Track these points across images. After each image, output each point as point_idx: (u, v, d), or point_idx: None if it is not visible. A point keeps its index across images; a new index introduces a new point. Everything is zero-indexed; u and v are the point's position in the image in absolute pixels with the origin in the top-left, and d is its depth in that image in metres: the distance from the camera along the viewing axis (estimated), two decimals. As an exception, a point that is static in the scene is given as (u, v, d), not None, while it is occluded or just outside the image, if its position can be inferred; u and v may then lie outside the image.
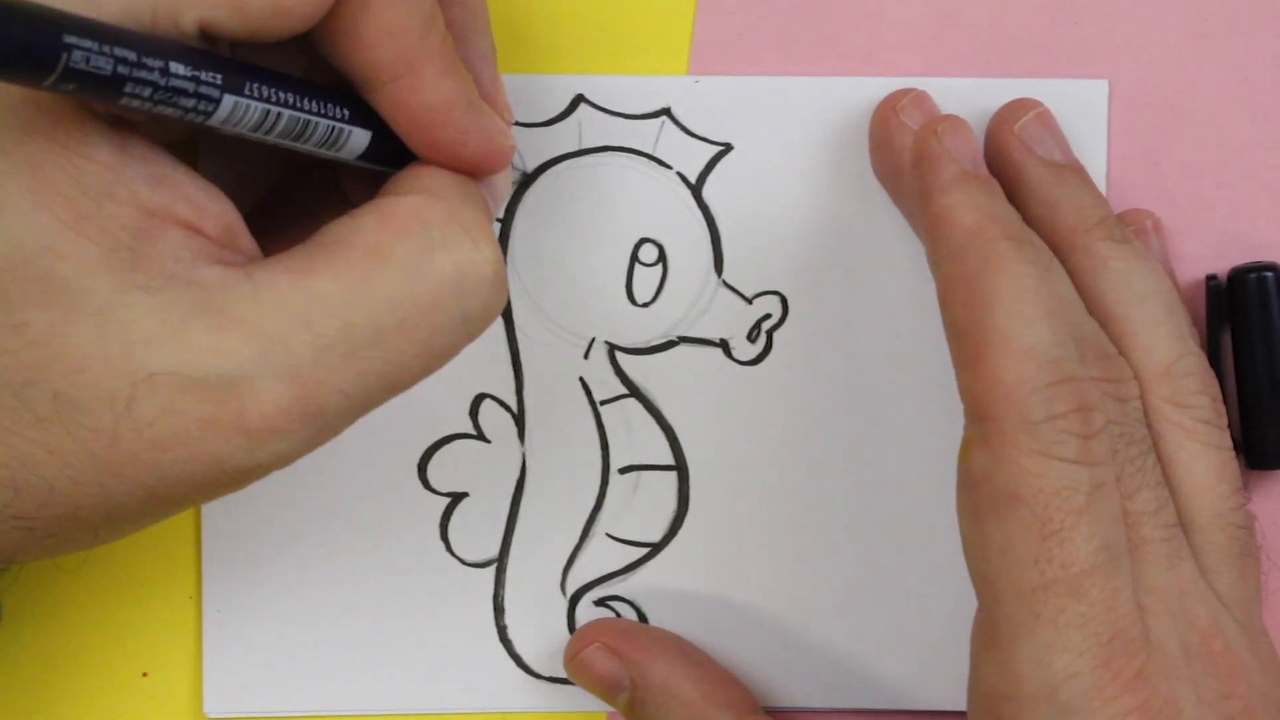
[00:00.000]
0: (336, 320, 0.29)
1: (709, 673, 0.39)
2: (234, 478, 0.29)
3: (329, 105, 0.31)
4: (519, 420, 0.40)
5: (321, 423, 0.29)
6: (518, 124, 0.40)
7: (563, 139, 0.40)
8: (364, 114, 0.32)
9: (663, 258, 0.40)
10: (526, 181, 0.40)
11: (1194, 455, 0.35)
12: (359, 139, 0.32)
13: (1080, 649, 0.31)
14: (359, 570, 0.40)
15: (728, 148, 0.40)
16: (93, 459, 0.28)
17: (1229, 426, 0.37)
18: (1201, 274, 0.40)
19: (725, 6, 0.40)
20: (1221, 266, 0.40)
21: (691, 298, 0.40)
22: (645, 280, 0.40)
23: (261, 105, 0.29)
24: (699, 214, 0.40)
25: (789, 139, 0.40)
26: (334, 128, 0.31)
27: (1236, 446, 0.38)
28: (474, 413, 0.40)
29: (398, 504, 0.40)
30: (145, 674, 0.41)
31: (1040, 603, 0.31)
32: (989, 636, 0.32)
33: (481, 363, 0.40)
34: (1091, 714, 0.31)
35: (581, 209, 0.40)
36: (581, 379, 0.40)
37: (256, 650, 0.40)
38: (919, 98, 0.39)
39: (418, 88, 0.31)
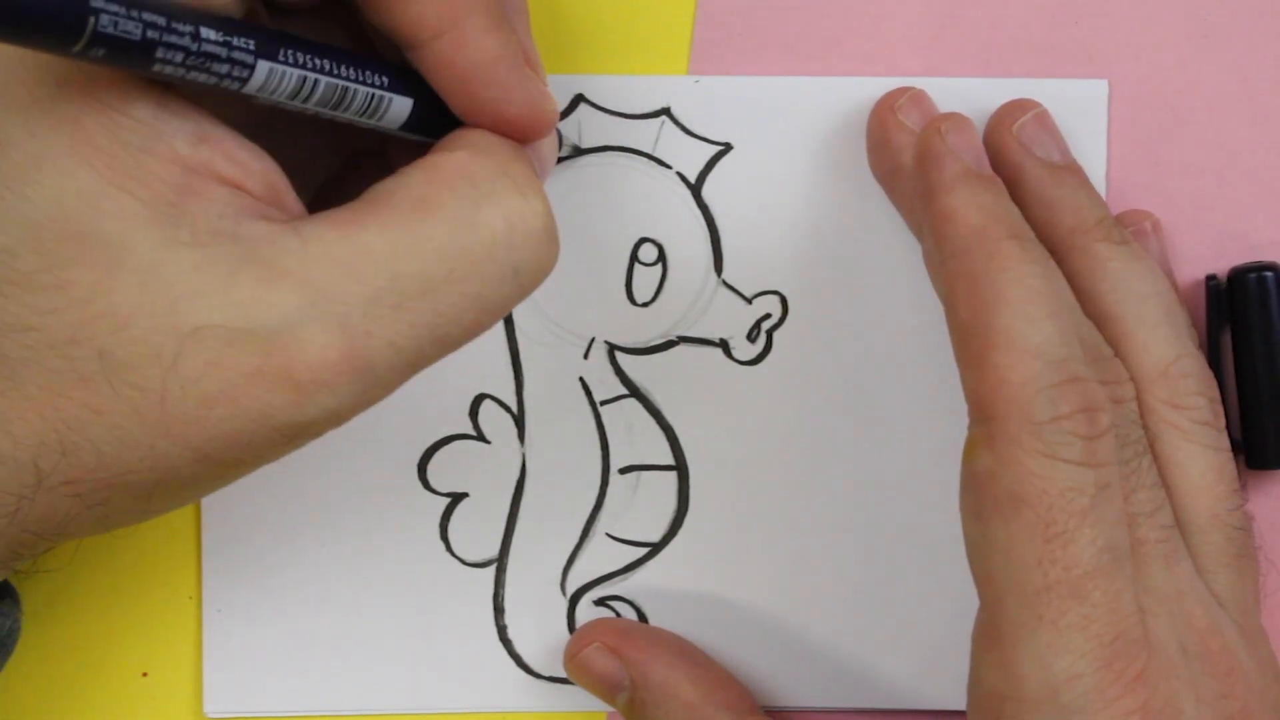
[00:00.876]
0: (384, 271, 0.29)
1: (709, 673, 0.39)
2: (284, 434, 0.29)
3: (367, 72, 0.30)
4: (519, 420, 0.40)
5: (371, 377, 0.29)
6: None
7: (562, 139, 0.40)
8: (405, 82, 0.31)
9: (662, 257, 0.40)
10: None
11: (1191, 456, 0.35)
12: (400, 107, 0.31)
13: (1082, 650, 0.31)
14: (359, 570, 0.40)
15: (727, 147, 0.40)
16: (140, 418, 0.28)
17: (1229, 427, 0.37)
18: (1201, 274, 0.40)
19: (725, 6, 0.40)
20: (1221, 266, 0.40)
21: (691, 297, 0.40)
22: (645, 280, 0.40)
23: (298, 71, 0.29)
24: (699, 214, 0.40)
25: (789, 139, 0.40)
26: (373, 95, 0.31)
27: (1236, 447, 0.38)
28: (474, 413, 0.40)
29: (398, 504, 0.40)
30: (145, 674, 0.41)
31: (1043, 604, 0.31)
32: (991, 637, 0.32)
33: (481, 363, 0.40)
34: (1093, 715, 0.31)
35: (581, 209, 0.40)
36: (581, 379, 0.40)
37: (256, 650, 0.40)
38: (917, 96, 0.39)
39: (461, 44, 0.30)
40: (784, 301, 0.40)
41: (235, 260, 0.28)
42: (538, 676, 0.40)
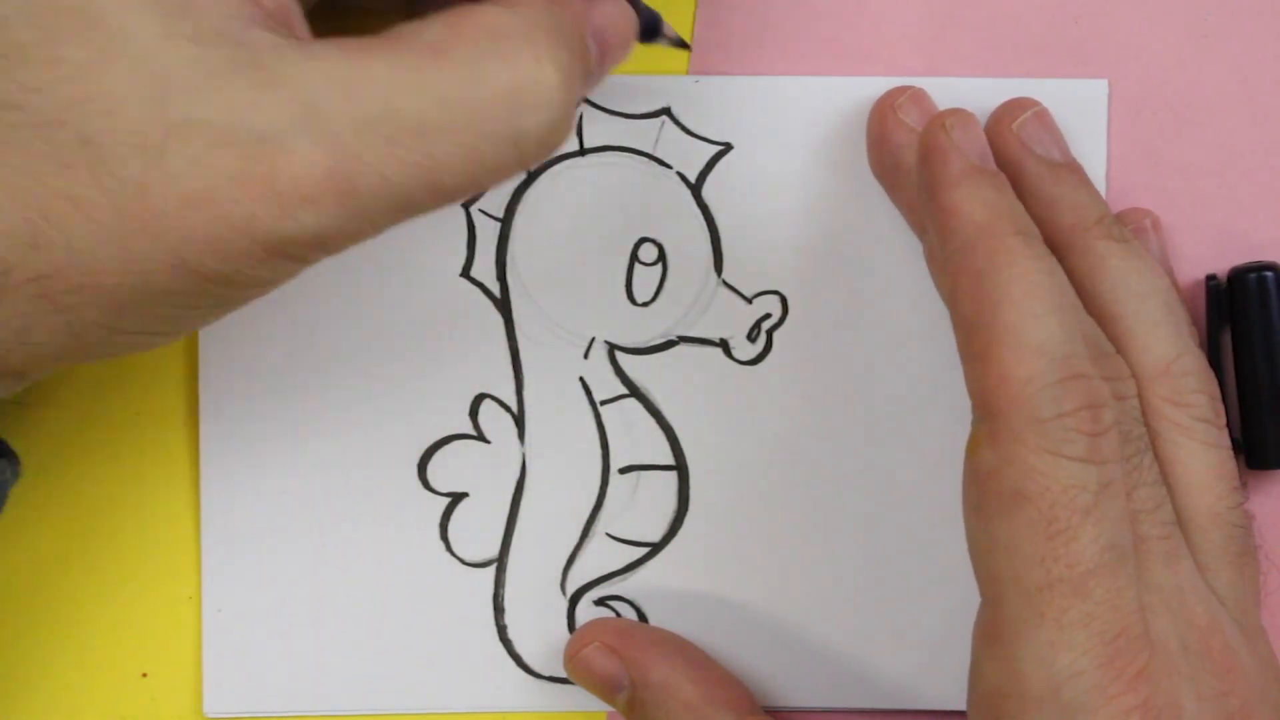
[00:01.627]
0: (381, 101, 0.28)
1: (709, 673, 0.39)
2: (263, 247, 0.28)
3: None
4: (519, 420, 0.40)
5: (356, 204, 0.28)
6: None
7: (563, 139, 0.40)
8: None
9: (662, 257, 0.40)
10: (527, 181, 0.40)
11: (1192, 454, 0.35)
12: None
13: (1084, 648, 0.31)
14: (359, 570, 0.40)
15: (727, 147, 0.40)
16: (118, 212, 0.27)
17: (1229, 426, 0.37)
18: (1201, 274, 0.40)
19: (725, 6, 0.40)
20: (1221, 266, 0.40)
21: (691, 297, 0.40)
22: (645, 280, 0.40)
23: None
24: (699, 214, 0.40)
25: (789, 139, 0.40)
26: None
27: (1236, 446, 0.38)
28: (474, 413, 0.40)
29: (398, 504, 0.40)
30: (145, 674, 0.41)
31: (1045, 601, 0.31)
32: (992, 634, 0.32)
33: (481, 363, 0.40)
34: (1094, 712, 0.31)
35: (581, 209, 0.40)
36: (581, 379, 0.40)
37: (256, 650, 0.40)
38: (916, 95, 0.39)
39: None
40: (784, 301, 0.40)
41: (235, 63, 0.27)
42: (538, 676, 0.40)
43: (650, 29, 0.37)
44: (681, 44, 0.38)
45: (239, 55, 0.28)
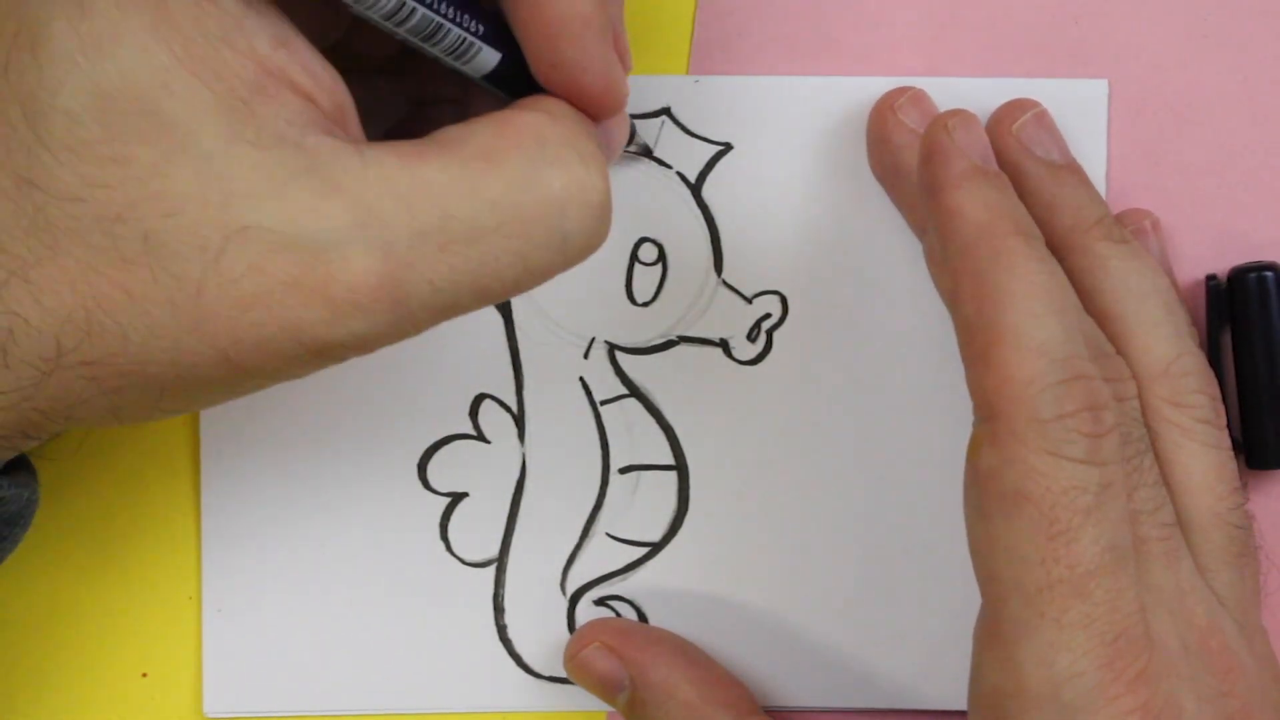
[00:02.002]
0: (437, 208, 0.29)
1: (709, 673, 0.39)
2: (310, 351, 0.29)
3: (465, 16, 0.31)
4: (519, 420, 0.40)
5: (405, 310, 0.29)
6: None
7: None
8: (498, 35, 0.32)
9: (662, 257, 0.40)
10: None
11: (1192, 455, 0.35)
12: (487, 57, 0.32)
13: (1084, 649, 0.31)
14: (359, 570, 0.40)
15: (727, 147, 0.40)
16: (173, 310, 0.28)
17: (1229, 426, 0.37)
18: (1201, 274, 0.40)
19: (725, 6, 0.40)
20: (1221, 266, 0.40)
21: (691, 297, 0.40)
22: (645, 280, 0.40)
23: None
24: (699, 213, 0.40)
25: (789, 139, 0.40)
26: (465, 39, 0.31)
27: (1236, 446, 0.38)
28: (474, 413, 0.40)
29: (398, 504, 0.40)
30: (145, 674, 0.41)
31: (1045, 602, 0.31)
32: (993, 634, 0.32)
33: (481, 363, 0.40)
34: (1094, 714, 0.31)
35: (581, 209, 0.40)
36: (581, 379, 0.40)
37: (256, 650, 0.40)
38: (917, 96, 0.39)
39: None
40: (784, 301, 0.40)
41: (295, 169, 0.28)
42: (537, 676, 0.40)
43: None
44: (647, 152, 0.40)
45: (299, 161, 0.28)
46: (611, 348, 0.40)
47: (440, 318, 0.30)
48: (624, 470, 0.40)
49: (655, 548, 0.40)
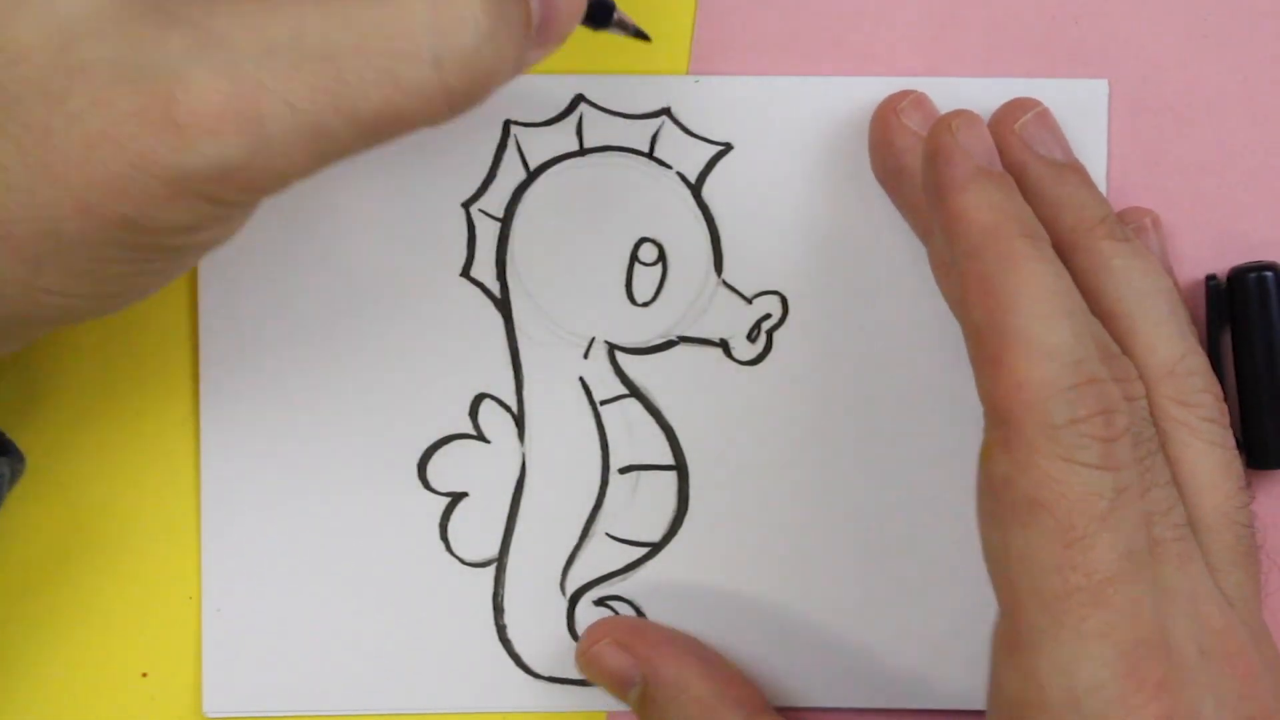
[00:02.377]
0: (286, 26, 0.28)
1: (720, 670, 0.39)
2: (165, 182, 0.28)
3: None
4: (519, 420, 0.40)
5: (262, 133, 0.28)
6: (517, 122, 0.40)
7: (563, 139, 0.40)
8: None
9: (662, 257, 0.40)
10: (527, 181, 0.40)
11: (1200, 454, 0.35)
12: None
13: (1104, 658, 0.31)
14: (359, 570, 0.40)
15: (728, 148, 0.40)
16: (23, 158, 0.27)
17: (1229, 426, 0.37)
18: (1201, 274, 0.40)
19: (725, 6, 0.40)
20: (1221, 266, 0.40)
21: (691, 297, 0.40)
22: (645, 280, 0.40)
23: None
24: (699, 214, 0.40)
25: (789, 139, 0.40)
26: None
27: (1237, 446, 0.38)
28: (474, 413, 0.40)
29: (397, 504, 0.40)
30: (145, 674, 0.41)
31: (1063, 610, 0.31)
32: (1011, 644, 0.32)
33: (481, 363, 0.40)
34: None
35: (581, 209, 0.40)
36: (581, 379, 0.40)
37: (256, 650, 0.40)
38: (919, 100, 0.39)
39: None
40: (784, 301, 0.40)
41: (140, 8, 0.28)
42: (537, 676, 0.40)
43: (601, 14, 0.35)
44: (640, 34, 0.37)
45: (144, 1, 0.28)
46: (611, 348, 0.40)
47: (312, 145, 0.29)
48: (624, 470, 0.40)
49: (655, 548, 0.40)
